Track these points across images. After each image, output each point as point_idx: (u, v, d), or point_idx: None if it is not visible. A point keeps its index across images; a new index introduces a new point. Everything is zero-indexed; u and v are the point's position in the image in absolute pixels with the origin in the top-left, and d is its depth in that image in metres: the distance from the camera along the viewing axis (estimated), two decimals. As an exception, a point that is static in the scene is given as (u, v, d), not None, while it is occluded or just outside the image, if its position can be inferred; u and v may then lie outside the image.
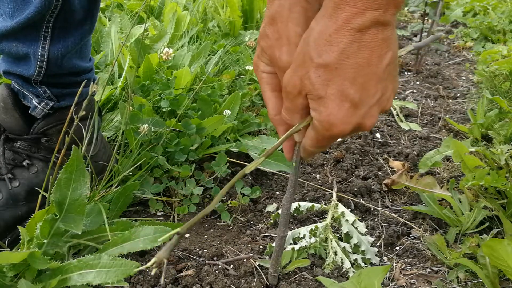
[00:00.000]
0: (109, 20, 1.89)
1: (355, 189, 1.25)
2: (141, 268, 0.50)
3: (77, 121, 0.81)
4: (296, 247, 0.97)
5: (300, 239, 1.01)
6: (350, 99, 0.54)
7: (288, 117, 0.61)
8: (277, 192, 1.27)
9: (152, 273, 0.48)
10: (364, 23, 0.50)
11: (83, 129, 0.99)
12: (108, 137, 1.26)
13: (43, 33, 0.86)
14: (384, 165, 1.41)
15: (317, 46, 0.52)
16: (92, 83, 0.82)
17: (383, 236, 1.09)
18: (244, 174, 0.59)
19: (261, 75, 0.64)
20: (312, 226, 1.02)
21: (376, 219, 1.16)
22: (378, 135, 1.62)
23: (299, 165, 0.74)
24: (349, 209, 1.14)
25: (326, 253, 0.99)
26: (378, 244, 1.07)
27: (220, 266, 0.95)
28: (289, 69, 0.57)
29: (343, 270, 0.95)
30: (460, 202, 1.11)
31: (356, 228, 1.02)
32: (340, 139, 1.54)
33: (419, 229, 1.11)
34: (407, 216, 1.16)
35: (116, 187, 1.05)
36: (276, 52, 0.59)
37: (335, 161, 1.41)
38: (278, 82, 0.63)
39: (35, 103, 0.94)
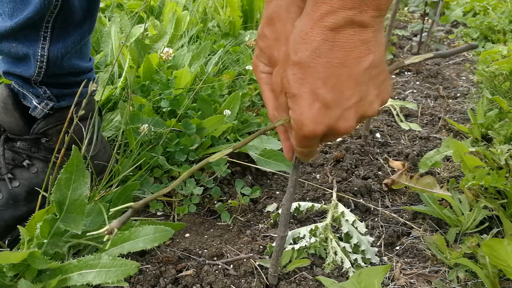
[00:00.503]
0: (109, 20, 1.89)
1: (355, 189, 1.25)
2: (93, 233, 0.50)
3: (77, 121, 0.81)
4: (296, 247, 0.97)
5: (300, 239, 1.01)
6: (321, 99, 0.52)
7: (277, 115, 0.61)
8: (277, 192, 1.27)
9: (104, 239, 0.47)
10: (338, 21, 0.49)
11: (83, 129, 0.99)
12: (108, 137, 1.26)
13: (42, 33, 0.86)
14: (384, 165, 1.41)
15: (294, 44, 0.52)
16: (91, 82, 0.82)
17: (383, 236, 1.09)
18: (207, 163, 0.58)
19: (260, 75, 0.64)
20: (312, 226, 1.02)
21: (376, 219, 1.16)
22: (378, 135, 1.62)
23: (299, 165, 0.74)
24: (349, 209, 1.14)
25: (326, 253, 0.99)
26: (378, 244, 1.07)
27: (220, 266, 0.95)
28: (276, 67, 0.57)
29: (343, 270, 0.95)
30: (460, 202, 1.11)
31: (356, 228, 1.02)
32: (339, 139, 1.54)
33: (419, 229, 1.11)
34: (407, 216, 1.16)
35: (116, 187, 1.05)
36: (275, 52, 0.59)
37: (335, 161, 1.41)
38: None
39: (35, 103, 0.94)
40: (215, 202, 1.17)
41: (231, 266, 0.95)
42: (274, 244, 0.86)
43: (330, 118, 0.54)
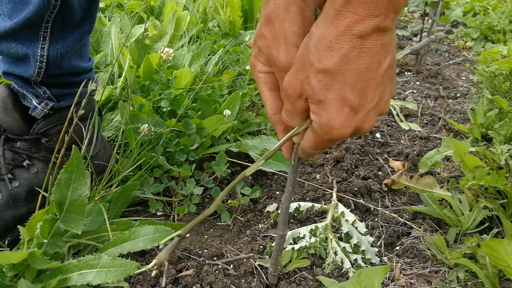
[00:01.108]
0: (109, 20, 1.89)
1: (355, 189, 1.25)
2: (142, 269, 0.50)
3: (77, 121, 0.81)
4: (296, 247, 0.97)
5: (300, 239, 1.01)
6: (350, 104, 0.54)
7: (288, 119, 0.62)
8: (277, 192, 1.27)
9: (153, 274, 0.48)
10: (365, 29, 0.50)
11: (83, 129, 0.99)
12: (108, 137, 1.26)
13: (42, 33, 0.86)
14: (384, 165, 1.41)
15: (317, 51, 0.53)
16: (91, 82, 0.82)
17: (383, 236, 1.09)
18: (244, 176, 0.59)
19: (258, 75, 0.65)
20: (312, 226, 1.02)
21: (376, 219, 1.16)
22: (378, 135, 1.62)
23: (298, 164, 0.74)
24: (349, 209, 1.14)
25: (326, 253, 0.99)
26: (378, 244, 1.07)
27: (220, 266, 0.95)
28: (289, 72, 0.57)
29: (343, 270, 0.95)
30: (460, 202, 1.11)
31: (356, 228, 1.02)
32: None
33: (419, 229, 1.11)
34: (407, 216, 1.16)
35: (116, 187, 1.05)
36: (274, 51, 0.59)
37: (335, 161, 1.41)
38: (276, 81, 0.63)
39: (35, 103, 0.94)
40: (215, 202, 1.17)
41: (231, 266, 0.95)
42: (274, 244, 0.86)
43: (357, 121, 0.56)
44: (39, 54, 0.88)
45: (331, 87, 0.54)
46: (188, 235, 1.08)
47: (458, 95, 2.07)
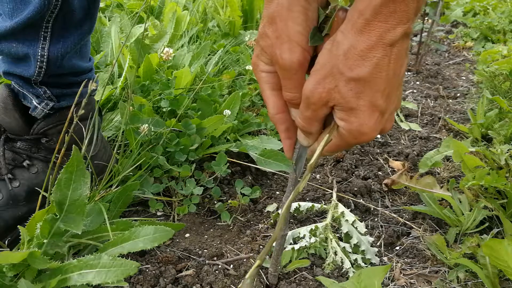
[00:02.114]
0: (109, 20, 1.89)
1: (355, 189, 1.25)
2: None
3: (77, 121, 0.81)
4: (296, 247, 0.97)
5: (300, 239, 1.01)
6: (380, 109, 0.56)
7: (306, 125, 0.63)
8: (277, 192, 1.27)
9: None
10: (396, 37, 0.52)
11: (83, 129, 0.99)
12: (108, 137, 1.26)
13: (42, 33, 0.86)
14: (384, 165, 1.41)
15: (348, 61, 0.54)
16: (91, 81, 0.82)
17: (383, 236, 1.09)
18: (298, 193, 0.63)
19: (260, 74, 0.65)
20: (312, 226, 1.02)
21: (376, 219, 1.16)
22: (378, 135, 1.62)
23: (303, 165, 0.74)
24: (349, 209, 1.14)
25: (326, 253, 0.99)
26: (378, 244, 1.07)
27: (220, 266, 0.95)
28: (311, 80, 0.58)
29: (343, 270, 0.95)
30: (460, 202, 1.11)
31: (356, 228, 1.02)
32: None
33: (419, 229, 1.11)
34: (407, 216, 1.16)
35: (116, 187, 1.05)
36: (277, 50, 0.59)
37: (335, 161, 1.41)
38: (278, 81, 0.63)
39: (35, 103, 0.94)
40: (215, 202, 1.17)
41: (231, 266, 0.96)
42: (274, 244, 0.86)
43: (383, 123, 0.59)
44: (39, 54, 0.88)
45: (363, 95, 0.55)
46: (188, 235, 1.08)
47: (458, 95, 2.07)
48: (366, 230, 1.04)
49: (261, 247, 1.02)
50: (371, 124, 0.57)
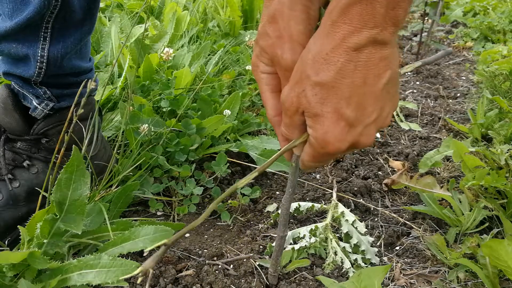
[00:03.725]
0: (109, 20, 1.89)
1: (355, 189, 1.25)
2: (127, 276, 0.51)
3: (77, 121, 0.81)
4: (296, 247, 0.97)
5: (300, 239, 1.01)
6: (346, 118, 0.53)
7: (287, 132, 0.61)
8: (277, 192, 1.27)
9: (138, 281, 0.48)
10: (361, 41, 0.49)
11: (83, 129, 0.99)
12: (108, 137, 1.26)
13: (42, 33, 0.86)
14: (384, 165, 1.41)
15: (314, 64, 0.52)
16: (90, 81, 0.82)
17: (383, 236, 1.09)
18: (235, 189, 0.59)
19: (260, 75, 0.64)
20: (312, 226, 1.02)
21: (376, 219, 1.16)
22: (378, 135, 1.62)
23: (298, 167, 0.74)
24: (349, 209, 1.14)
25: (326, 253, 0.99)
26: (378, 244, 1.07)
27: (220, 266, 0.95)
28: (287, 86, 0.57)
29: (343, 270, 0.95)
30: (460, 202, 1.11)
31: (356, 228, 1.02)
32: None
33: (419, 229, 1.11)
34: (407, 216, 1.16)
35: (116, 187, 1.05)
36: (278, 50, 0.58)
37: (335, 161, 1.41)
38: (278, 82, 0.62)
39: (35, 103, 0.94)
40: (215, 202, 1.17)
41: (231, 266, 0.96)
42: (274, 244, 0.86)
43: (354, 135, 0.55)
44: (39, 54, 0.88)
45: (327, 101, 0.53)
46: (188, 234, 1.08)
47: (458, 95, 2.07)
48: (366, 230, 1.04)
49: (261, 247, 1.02)
50: (336, 133, 0.54)
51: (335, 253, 0.97)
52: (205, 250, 1.01)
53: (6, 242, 0.92)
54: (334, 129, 0.54)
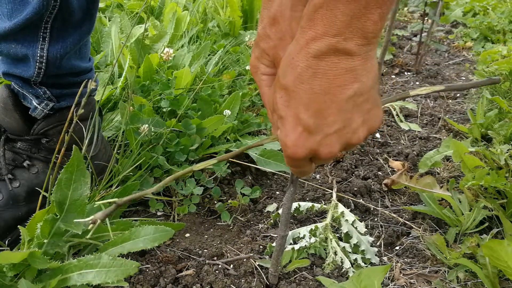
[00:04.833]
0: (109, 20, 1.89)
1: (355, 189, 1.25)
2: (78, 220, 0.56)
3: (77, 121, 0.81)
4: (296, 247, 0.97)
5: (300, 239, 1.01)
6: (303, 124, 0.53)
7: (272, 130, 0.62)
8: (277, 192, 1.27)
9: (89, 227, 0.49)
10: (320, 48, 0.48)
11: (83, 129, 0.99)
12: (108, 137, 1.26)
13: (41, 34, 0.86)
14: (384, 165, 1.41)
15: (282, 67, 0.53)
16: (90, 81, 0.82)
17: (383, 236, 1.09)
18: (191, 171, 0.61)
19: (261, 77, 0.63)
20: (312, 226, 1.02)
21: (376, 219, 1.16)
22: (378, 135, 1.62)
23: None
24: (349, 209, 1.14)
25: (326, 253, 0.99)
26: (378, 244, 1.07)
27: (220, 266, 0.95)
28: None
29: (343, 270, 0.95)
30: (460, 202, 1.11)
31: (356, 228, 1.02)
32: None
33: (418, 229, 1.11)
34: (406, 216, 1.16)
35: (116, 187, 1.05)
36: (280, 52, 0.58)
37: (335, 161, 1.41)
38: None
39: (35, 104, 0.94)
40: (215, 202, 1.18)
41: (231, 266, 0.96)
42: (274, 244, 0.86)
43: (312, 143, 0.54)
44: (38, 54, 0.88)
45: (289, 104, 0.53)
46: (188, 234, 1.08)
47: (458, 95, 2.07)
48: (366, 230, 1.04)
49: (261, 247, 1.02)
50: (293, 137, 0.54)
51: (335, 253, 0.97)
52: (205, 250, 1.01)
53: (6, 242, 0.92)
54: (292, 133, 0.54)
